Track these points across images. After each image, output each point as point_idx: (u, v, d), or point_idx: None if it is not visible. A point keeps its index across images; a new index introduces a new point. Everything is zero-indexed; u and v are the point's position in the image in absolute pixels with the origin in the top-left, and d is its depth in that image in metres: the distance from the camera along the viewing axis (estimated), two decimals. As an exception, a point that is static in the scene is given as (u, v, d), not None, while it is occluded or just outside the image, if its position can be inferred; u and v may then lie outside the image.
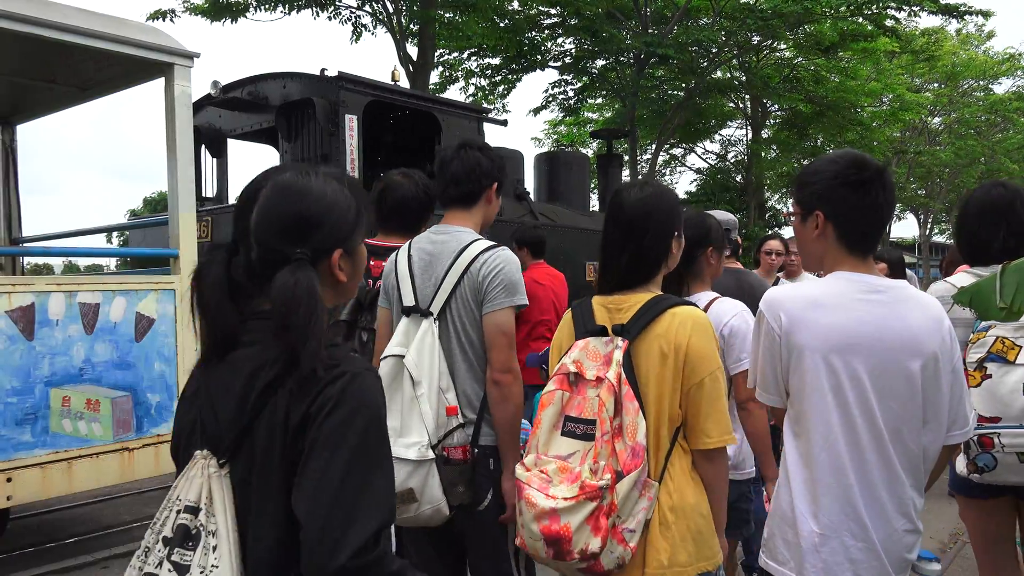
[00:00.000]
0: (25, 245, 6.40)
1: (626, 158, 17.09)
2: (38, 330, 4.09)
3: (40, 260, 22.04)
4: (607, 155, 10.81)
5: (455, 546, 2.52)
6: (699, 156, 27.23)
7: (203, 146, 7.11)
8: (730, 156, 26.93)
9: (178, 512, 1.30)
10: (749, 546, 3.95)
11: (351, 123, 6.16)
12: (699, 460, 2.00)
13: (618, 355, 1.97)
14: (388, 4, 13.88)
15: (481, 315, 2.39)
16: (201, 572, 1.25)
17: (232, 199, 7.94)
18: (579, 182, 9.88)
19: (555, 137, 26.41)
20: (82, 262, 25.70)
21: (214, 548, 1.26)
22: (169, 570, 1.26)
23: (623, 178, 12.42)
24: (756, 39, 18.35)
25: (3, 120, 6.18)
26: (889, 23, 16.96)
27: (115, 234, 21.10)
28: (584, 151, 20.26)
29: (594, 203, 11.57)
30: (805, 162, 27.34)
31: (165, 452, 4.59)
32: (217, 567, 1.25)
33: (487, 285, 2.38)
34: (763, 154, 24.79)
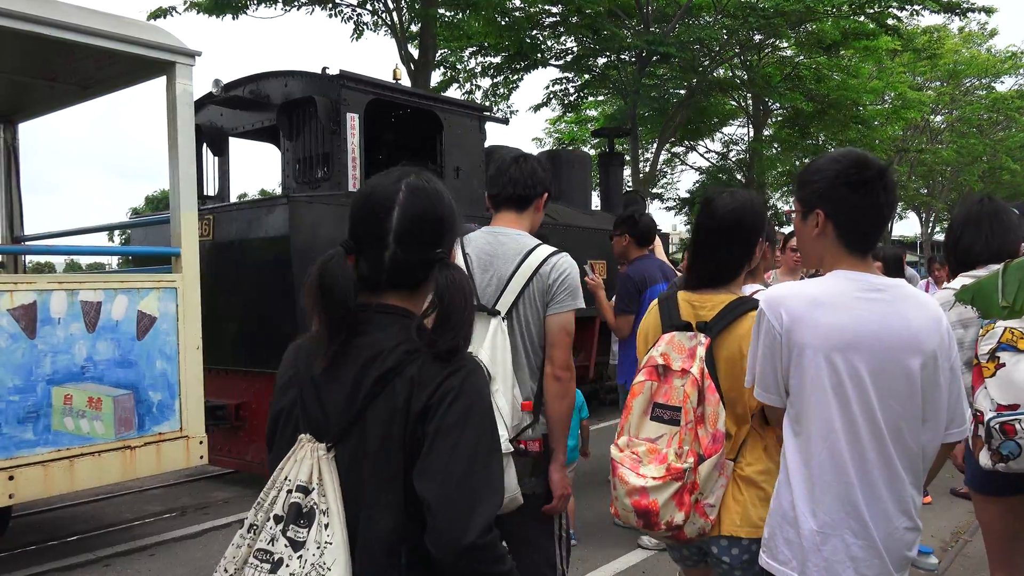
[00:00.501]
0: (27, 244, 6.41)
1: (627, 157, 17.09)
2: (40, 328, 4.09)
3: (42, 259, 22.07)
4: (608, 154, 10.81)
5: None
6: (700, 155, 27.24)
7: (204, 144, 7.11)
8: (731, 155, 26.93)
9: (288, 492, 1.38)
10: None
11: (353, 121, 6.16)
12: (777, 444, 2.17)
13: (701, 351, 2.19)
14: (389, 2, 13.88)
15: (544, 315, 2.56)
16: (317, 547, 1.33)
17: (233, 197, 7.95)
18: (580, 181, 9.87)
19: (556, 136, 26.39)
20: (84, 260, 25.74)
21: (326, 526, 1.34)
22: (285, 545, 1.34)
23: (624, 177, 12.42)
24: (758, 37, 18.33)
25: (5, 119, 6.18)
26: (891, 22, 16.95)
27: (117, 232, 21.10)
28: (585, 150, 20.23)
29: (595, 202, 11.56)
30: (807, 160, 27.34)
31: (167, 450, 4.60)
32: (331, 543, 1.33)
33: (555, 288, 2.55)
34: (764, 152, 24.76)
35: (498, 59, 17.41)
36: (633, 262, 4.94)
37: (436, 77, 16.22)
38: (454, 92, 17.87)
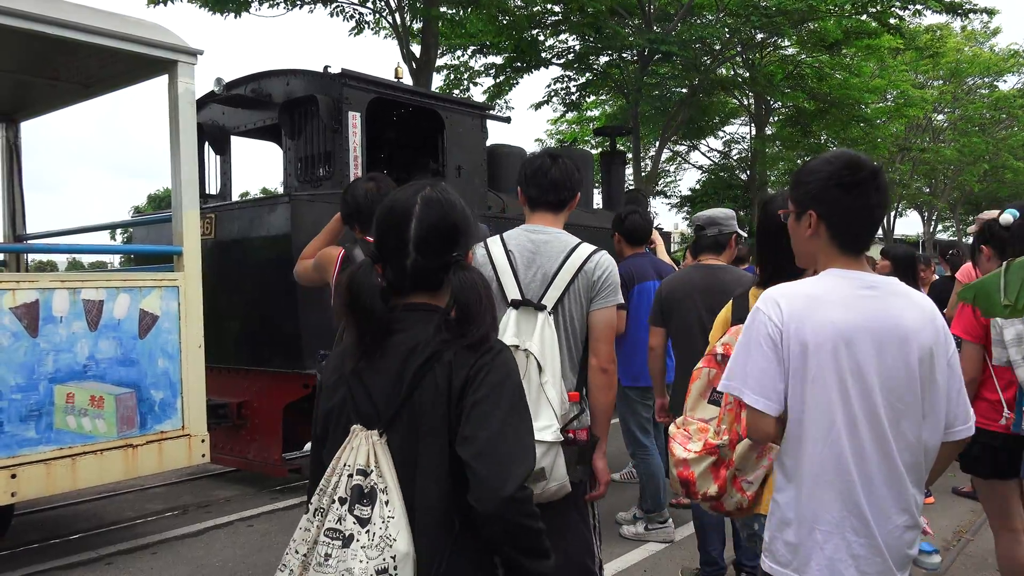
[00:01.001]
0: (29, 242, 6.41)
1: (629, 155, 17.07)
2: (42, 327, 4.10)
3: (44, 257, 22.08)
4: (610, 153, 10.80)
5: None
6: (703, 154, 27.22)
7: (206, 143, 7.12)
8: (733, 153, 26.90)
9: (349, 476, 1.55)
10: (739, 542, 3.97)
11: (354, 120, 6.17)
12: None
13: None
14: (391, 0, 13.88)
15: (588, 310, 2.68)
16: (382, 520, 1.51)
17: (235, 196, 7.95)
18: (583, 180, 9.87)
19: (558, 136, 26.36)
20: (86, 259, 25.76)
21: (387, 502, 1.52)
22: (353, 522, 1.51)
23: (626, 175, 12.40)
24: (760, 36, 18.30)
25: (7, 117, 6.19)
26: (893, 21, 16.91)
27: (119, 231, 21.13)
28: (587, 149, 20.22)
29: (597, 200, 11.55)
30: (808, 159, 27.44)
31: (168, 448, 4.60)
32: (392, 517, 1.51)
33: (600, 284, 2.67)
34: (767, 151, 24.73)
35: (500, 59, 17.41)
36: (625, 260, 4.98)
37: (438, 81, 16.23)
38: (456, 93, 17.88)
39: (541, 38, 17.43)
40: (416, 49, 13.78)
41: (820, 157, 2.05)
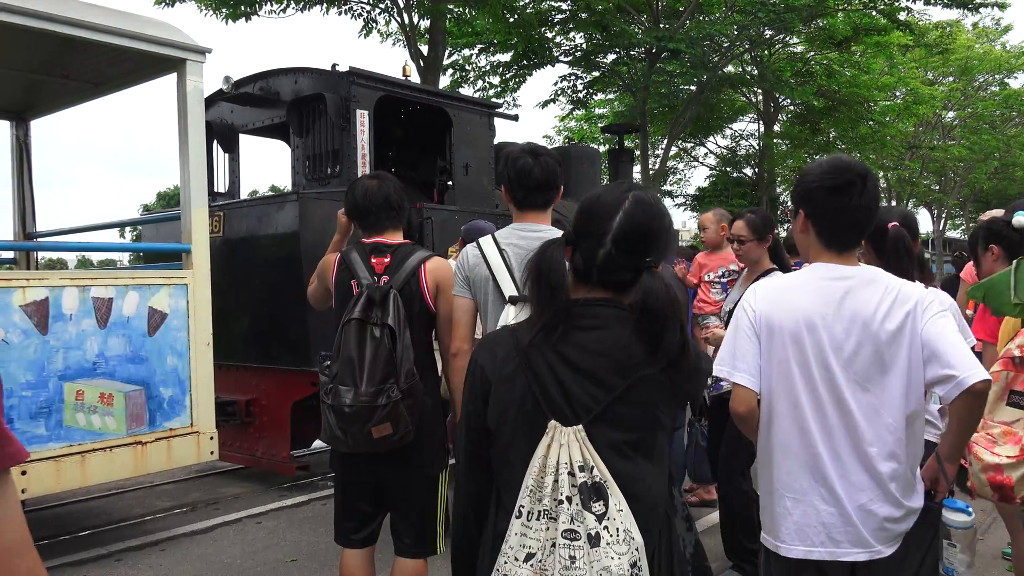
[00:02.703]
0: (39, 240, 6.44)
1: (637, 153, 17.04)
2: (52, 324, 4.12)
3: (54, 255, 22.20)
4: (618, 150, 10.78)
5: None
6: (710, 151, 27.13)
7: (215, 141, 7.13)
8: (740, 151, 26.79)
9: (570, 474, 1.51)
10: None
11: (362, 118, 6.17)
12: None
13: None
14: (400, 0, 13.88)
15: None
16: (618, 512, 1.51)
17: (244, 194, 7.97)
18: (590, 177, 9.85)
19: (566, 134, 26.31)
20: (95, 257, 25.85)
21: (611, 495, 1.52)
22: (594, 520, 1.49)
23: (634, 173, 12.38)
24: (768, 33, 18.23)
25: (17, 116, 6.21)
26: (902, 16, 16.83)
27: (128, 229, 21.22)
28: (595, 147, 20.19)
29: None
30: (817, 156, 27.19)
31: (177, 446, 4.62)
32: (622, 510, 1.51)
33: None
34: (775, 149, 24.64)
35: (507, 56, 17.39)
36: None
37: (444, 81, 16.19)
38: (462, 90, 17.87)
39: (549, 36, 17.40)
40: (424, 48, 13.79)
41: (817, 160, 2.24)
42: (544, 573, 1.48)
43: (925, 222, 36.53)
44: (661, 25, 16.58)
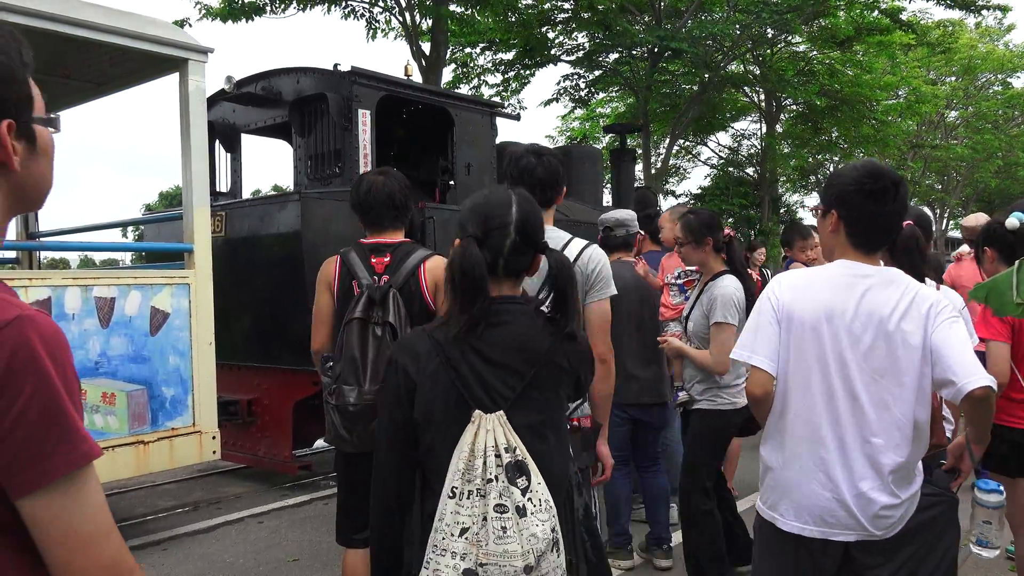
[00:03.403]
0: (42, 239, 6.45)
1: (639, 152, 17.02)
2: (54, 324, 4.12)
3: (56, 255, 22.22)
4: (620, 150, 10.77)
5: None
6: (712, 150, 27.10)
7: (217, 141, 7.13)
8: (742, 150, 26.76)
9: (496, 456, 1.70)
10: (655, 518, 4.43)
11: (364, 118, 6.17)
12: None
13: None
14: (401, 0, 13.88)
15: (584, 304, 2.73)
16: (539, 484, 1.71)
17: (246, 194, 7.98)
18: (592, 177, 9.85)
19: (568, 134, 26.30)
20: (98, 256, 25.88)
21: (532, 471, 1.71)
22: (519, 495, 1.68)
23: (636, 173, 12.38)
24: (770, 33, 18.22)
25: (19, 115, 6.21)
26: (905, 16, 16.81)
27: (130, 228, 21.25)
28: (597, 146, 20.17)
29: (607, 198, 11.53)
30: (819, 156, 27.04)
31: (179, 445, 4.62)
32: (541, 483, 1.72)
33: (594, 277, 2.75)
34: (777, 149, 24.61)
35: (509, 55, 17.38)
36: (644, 255, 5.08)
37: (447, 75, 16.21)
38: (463, 88, 17.87)
39: (551, 35, 17.39)
40: (426, 47, 13.78)
41: (850, 164, 2.30)
42: (479, 544, 1.66)
43: (928, 222, 36.27)
44: (663, 25, 16.57)
